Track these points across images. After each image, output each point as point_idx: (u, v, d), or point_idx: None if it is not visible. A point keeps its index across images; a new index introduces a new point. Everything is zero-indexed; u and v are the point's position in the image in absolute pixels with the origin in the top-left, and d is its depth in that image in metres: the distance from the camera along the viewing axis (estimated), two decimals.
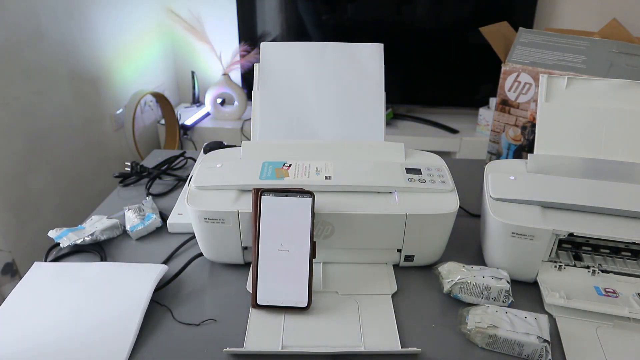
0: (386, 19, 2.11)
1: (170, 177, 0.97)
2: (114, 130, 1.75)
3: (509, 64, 0.94)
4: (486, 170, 0.72)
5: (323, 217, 0.63)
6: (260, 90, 0.77)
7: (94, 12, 1.59)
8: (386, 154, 0.73)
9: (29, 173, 1.29)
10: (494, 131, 1.00)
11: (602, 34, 0.96)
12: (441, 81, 2.21)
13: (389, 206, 0.64)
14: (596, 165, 0.70)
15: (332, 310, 0.60)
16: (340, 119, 0.76)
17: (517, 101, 0.95)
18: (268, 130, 0.76)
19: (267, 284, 0.59)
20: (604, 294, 0.61)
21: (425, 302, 0.64)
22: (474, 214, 0.84)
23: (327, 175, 0.67)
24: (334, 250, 0.68)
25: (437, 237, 0.66)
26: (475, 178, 0.84)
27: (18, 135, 1.25)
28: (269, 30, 2.15)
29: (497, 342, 0.54)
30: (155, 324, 0.59)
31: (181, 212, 0.80)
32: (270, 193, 0.61)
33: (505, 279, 0.61)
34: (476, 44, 1.99)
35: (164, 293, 0.64)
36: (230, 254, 0.67)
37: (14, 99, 1.23)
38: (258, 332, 0.57)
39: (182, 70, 2.31)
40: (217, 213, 0.63)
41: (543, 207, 0.64)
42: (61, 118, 1.43)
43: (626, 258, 0.65)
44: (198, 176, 0.68)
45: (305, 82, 0.77)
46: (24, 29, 1.26)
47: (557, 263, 0.64)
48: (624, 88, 0.73)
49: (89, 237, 0.73)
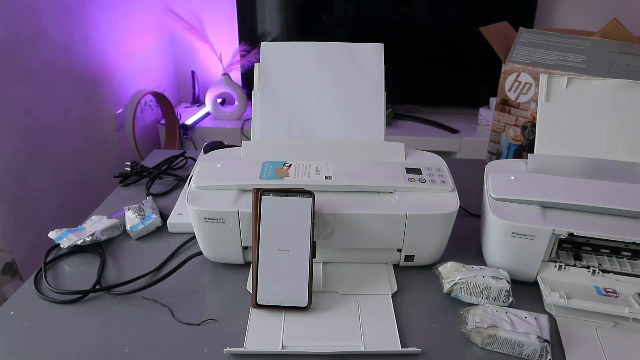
0: (386, 18, 2.11)
1: (171, 177, 0.97)
2: (114, 130, 1.75)
3: (509, 64, 0.94)
4: (486, 170, 0.72)
5: (323, 217, 0.63)
6: (260, 90, 0.77)
7: (94, 12, 1.59)
8: (386, 153, 0.73)
9: (29, 173, 1.29)
10: (494, 131, 1.00)
11: (603, 33, 0.96)
12: (441, 81, 2.21)
13: (389, 206, 0.64)
14: (596, 165, 0.70)
15: (332, 310, 0.60)
16: (341, 118, 0.76)
17: (518, 101, 0.95)
18: (268, 130, 0.76)
19: (267, 283, 0.59)
20: (604, 294, 0.61)
21: (425, 302, 0.64)
22: (474, 214, 0.84)
23: (327, 175, 0.67)
24: (334, 250, 0.68)
25: (437, 237, 0.66)
26: (476, 178, 0.84)
27: (18, 134, 1.25)
28: (269, 30, 2.15)
29: (497, 342, 0.54)
30: (155, 324, 0.59)
31: (181, 212, 0.80)
32: (271, 193, 0.61)
33: (506, 279, 0.61)
34: (476, 43, 1.99)
35: (165, 293, 0.64)
36: (230, 253, 0.67)
37: (14, 99, 1.23)
38: (258, 332, 0.57)
39: (182, 70, 2.31)
40: (217, 213, 0.63)
41: (543, 207, 0.64)
42: (61, 118, 1.43)
43: (626, 258, 0.65)
44: (198, 176, 0.68)
45: (305, 81, 0.77)
46: (24, 29, 1.26)
47: (557, 263, 0.64)
48: (624, 88, 0.73)
49: (89, 237, 0.73)
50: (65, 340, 0.56)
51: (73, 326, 0.59)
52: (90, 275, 0.68)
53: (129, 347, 0.55)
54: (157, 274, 0.69)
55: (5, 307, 0.62)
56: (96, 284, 0.66)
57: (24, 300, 0.63)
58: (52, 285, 0.65)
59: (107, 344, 0.56)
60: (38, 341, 0.56)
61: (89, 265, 0.71)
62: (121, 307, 0.62)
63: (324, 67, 0.78)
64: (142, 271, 0.68)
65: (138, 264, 0.71)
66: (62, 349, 0.55)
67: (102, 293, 0.64)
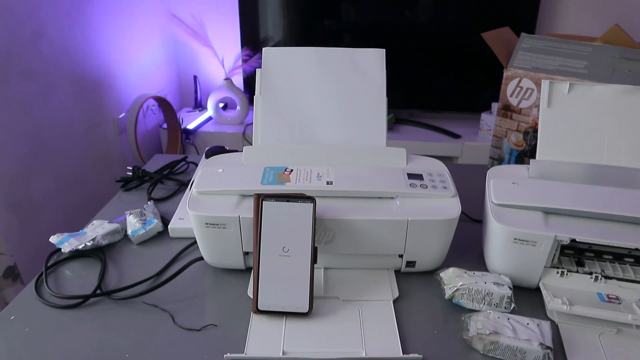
0: (389, 23, 2.12)
1: (172, 182, 0.97)
2: (116, 134, 1.75)
3: (511, 69, 0.94)
4: (488, 176, 0.72)
5: (324, 223, 0.63)
6: (262, 95, 0.77)
7: (97, 16, 1.60)
8: (388, 159, 0.73)
9: (31, 177, 1.29)
10: (496, 136, 1.00)
11: (604, 39, 0.96)
12: (443, 86, 2.21)
13: (390, 212, 0.64)
14: (598, 171, 0.70)
15: (333, 316, 0.60)
16: (342, 123, 0.76)
17: (519, 106, 0.95)
18: (270, 135, 0.76)
19: (268, 289, 0.59)
20: (607, 301, 0.61)
21: (426, 308, 0.63)
22: (476, 220, 0.83)
23: (329, 181, 0.67)
24: (335, 256, 0.68)
25: (439, 243, 0.66)
26: (477, 183, 0.84)
27: (20, 138, 1.25)
28: (271, 35, 2.15)
29: (499, 348, 0.54)
30: (156, 329, 0.59)
31: (182, 217, 0.80)
32: (272, 198, 0.61)
33: (507, 285, 0.61)
34: (478, 49, 1.99)
35: (165, 298, 0.64)
36: (231, 259, 0.67)
37: (16, 102, 1.23)
38: (259, 337, 0.56)
39: (184, 74, 2.32)
40: (219, 218, 0.63)
41: (545, 212, 0.64)
42: (63, 122, 1.44)
43: (629, 264, 0.64)
44: (199, 181, 0.68)
45: (307, 87, 0.77)
46: (26, 33, 1.27)
47: (559, 269, 0.64)
48: (626, 94, 0.73)
49: (90, 242, 0.73)
50: (66, 345, 0.56)
51: (73, 331, 0.58)
52: (91, 280, 0.68)
53: (129, 353, 0.55)
54: (158, 279, 0.69)
55: (6, 311, 0.62)
56: (97, 289, 0.66)
57: (24, 304, 0.63)
58: (53, 290, 0.65)
59: (107, 349, 0.56)
60: (38, 346, 0.56)
61: (90, 270, 0.71)
62: (122, 312, 0.62)
63: (325, 72, 0.78)
64: (143, 276, 0.68)
65: (139, 268, 0.71)
66: (62, 353, 0.55)
67: (103, 298, 0.64)
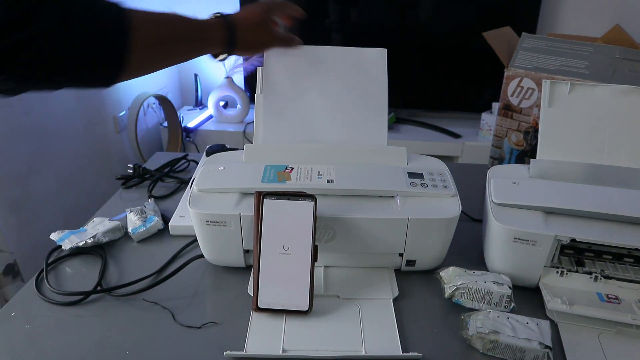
0: (390, 23, 2.12)
1: (173, 180, 0.97)
2: (117, 132, 1.75)
3: (511, 69, 0.94)
4: (488, 175, 0.72)
5: (325, 221, 0.63)
6: (263, 93, 0.77)
7: None
8: (388, 158, 0.73)
9: (32, 174, 1.29)
10: (496, 136, 1.00)
11: (605, 39, 0.96)
12: (444, 86, 2.21)
13: (391, 210, 0.64)
14: (599, 171, 0.70)
15: (333, 314, 0.60)
16: (343, 122, 0.76)
17: (520, 106, 0.95)
18: (270, 134, 0.76)
19: (269, 287, 0.59)
20: (607, 300, 0.61)
21: (426, 306, 0.64)
22: (476, 219, 0.83)
23: (330, 179, 0.67)
24: (335, 254, 0.68)
25: (439, 242, 0.66)
26: (478, 183, 0.84)
27: (21, 136, 1.25)
28: None
29: (499, 347, 0.54)
30: (156, 326, 0.59)
31: (183, 215, 0.80)
32: (273, 196, 0.61)
33: (507, 284, 0.61)
34: (479, 48, 1.98)
35: (166, 295, 0.64)
36: (231, 256, 0.67)
37: (17, 100, 1.23)
38: (259, 335, 0.57)
39: (185, 73, 2.32)
40: (219, 216, 0.63)
41: (545, 212, 0.64)
42: (64, 120, 1.44)
43: (629, 264, 0.64)
44: (200, 179, 0.68)
45: (308, 85, 0.77)
46: None
47: (559, 269, 0.64)
48: (627, 94, 0.73)
49: (91, 239, 0.73)
50: (66, 341, 0.56)
51: (74, 328, 0.59)
52: (92, 277, 0.68)
53: (129, 350, 0.55)
54: (158, 276, 0.69)
55: (7, 308, 0.62)
56: (97, 286, 0.66)
57: (25, 301, 0.63)
58: (54, 287, 0.65)
59: (107, 346, 0.56)
60: (39, 342, 0.56)
61: (91, 267, 0.71)
62: (122, 309, 0.62)
63: (327, 71, 0.78)
64: (143, 273, 0.68)
65: (139, 266, 0.71)
66: (62, 350, 0.55)
67: (103, 295, 0.64)
